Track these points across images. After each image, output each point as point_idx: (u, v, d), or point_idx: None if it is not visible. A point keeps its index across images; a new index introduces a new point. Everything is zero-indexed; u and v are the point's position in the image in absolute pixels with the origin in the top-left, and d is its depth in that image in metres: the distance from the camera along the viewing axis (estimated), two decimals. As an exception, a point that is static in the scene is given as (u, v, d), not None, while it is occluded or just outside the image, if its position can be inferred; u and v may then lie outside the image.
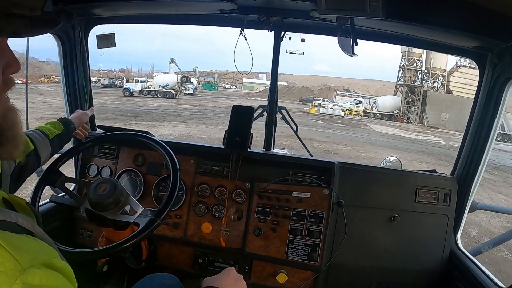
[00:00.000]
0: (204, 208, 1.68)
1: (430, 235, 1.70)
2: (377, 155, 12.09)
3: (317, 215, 1.52)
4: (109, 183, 1.18)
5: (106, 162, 1.82)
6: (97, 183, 1.19)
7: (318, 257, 1.49)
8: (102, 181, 1.20)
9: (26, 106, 2.22)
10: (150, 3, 1.58)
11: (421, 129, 27.35)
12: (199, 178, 1.71)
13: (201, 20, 1.80)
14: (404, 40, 1.70)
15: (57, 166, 1.32)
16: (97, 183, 1.19)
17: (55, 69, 9.33)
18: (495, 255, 5.27)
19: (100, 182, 1.20)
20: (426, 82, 33.16)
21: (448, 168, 1.88)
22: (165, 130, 12.72)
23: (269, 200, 1.60)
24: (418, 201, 1.69)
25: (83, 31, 1.80)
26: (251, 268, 1.65)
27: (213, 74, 59.64)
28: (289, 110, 2.08)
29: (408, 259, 1.70)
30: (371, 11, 1.08)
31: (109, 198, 1.15)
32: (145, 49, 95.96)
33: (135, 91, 28.74)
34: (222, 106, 24.03)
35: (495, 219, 6.91)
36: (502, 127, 20.22)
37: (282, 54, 1.83)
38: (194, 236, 1.66)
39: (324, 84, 52.21)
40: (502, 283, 1.44)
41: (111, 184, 1.18)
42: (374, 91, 49.35)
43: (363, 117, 31.56)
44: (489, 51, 1.48)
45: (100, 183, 1.19)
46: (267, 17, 1.58)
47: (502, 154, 15.65)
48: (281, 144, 8.20)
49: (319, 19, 1.50)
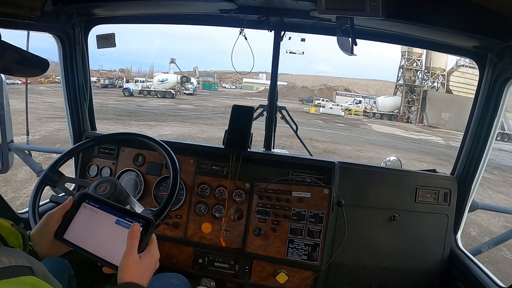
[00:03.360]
0: (204, 208, 1.68)
1: (430, 235, 1.70)
2: (377, 154, 12.10)
3: (317, 215, 1.52)
4: (109, 183, 1.18)
5: (106, 162, 1.82)
6: (97, 183, 1.20)
7: (318, 257, 1.49)
8: (102, 181, 1.20)
9: (26, 106, 2.22)
10: (150, 3, 1.58)
11: (421, 128, 27.34)
12: (199, 178, 1.71)
13: (201, 20, 1.80)
14: (404, 40, 1.70)
15: (57, 166, 1.32)
16: (97, 183, 1.20)
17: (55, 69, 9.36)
18: (495, 254, 5.28)
19: (100, 182, 1.20)
20: (426, 82, 33.15)
21: (448, 167, 1.88)
22: (165, 130, 12.72)
23: (269, 200, 1.60)
24: (418, 201, 1.69)
25: (83, 31, 1.80)
26: (251, 268, 1.65)
27: (213, 74, 59.64)
28: (289, 110, 2.08)
29: (408, 258, 1.70)
30: (371, 11, 1.08)
31: (109, 198, 1.15)
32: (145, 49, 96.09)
33: (135, 91, 28.73)
34: (222, 106, 24.02)
35: (495, 218, 6.91)
36: (502, 126, 20.21)
37: (282, 54, 1.83)
38: (194, 236, 1.66)
39: (324, 84, 52.19)
40: (502, 283, 1.44)
41: (111, 184, 1.18)
42: (374, 91, 49.34)
43: (363, 117, 31.55)
44: (489, 50, 1.49)
45: (100, 183, 1.19)
46: (267, 17, 1.58)
47: (502, 153, 15.64)
48: (281, 144, 8.20)
49: (319, 19, 1.50)
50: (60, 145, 8.30)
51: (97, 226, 0.94)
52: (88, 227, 0.94)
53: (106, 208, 0.95)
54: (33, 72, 0.73)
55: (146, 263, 0.86)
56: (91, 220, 0.95)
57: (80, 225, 0.95)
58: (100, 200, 0.97)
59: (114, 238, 0.91)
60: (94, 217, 0.95)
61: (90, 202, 0.97)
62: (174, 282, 1.26)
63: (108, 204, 0.96)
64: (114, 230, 0.92)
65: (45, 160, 5.51)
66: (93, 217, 0.95)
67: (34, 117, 12.60)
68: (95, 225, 0.94)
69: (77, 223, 0.95)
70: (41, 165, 2.04)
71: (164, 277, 1.27)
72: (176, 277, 1.29)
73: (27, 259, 0.61)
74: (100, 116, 7.44)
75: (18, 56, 0.63)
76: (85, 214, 0.96)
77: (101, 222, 0.94)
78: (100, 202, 0.96)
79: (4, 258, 0.56)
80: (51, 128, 11.17)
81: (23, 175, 6.42)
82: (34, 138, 9.23)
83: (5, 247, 0.63)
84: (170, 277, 1.28)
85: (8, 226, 0.64)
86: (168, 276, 1.29)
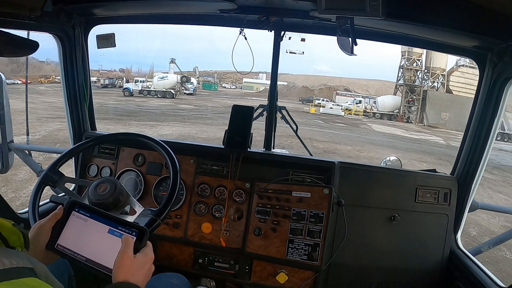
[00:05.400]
0: (204, 208, 1.68)
1: (430, 235, 1.70)
2: (377, 154, 12.10)
3: (317, 215, 1.52)
4: (109, 183, 1.18)
5: (106, 162, 1.82)
6: (97, 183, 1.19)
7: (318, 256, 1.49)
8: (102, 181, 1.20)
9: (26, 106, 2.22)
10: (150, 3, 1.58)
11: (421, 128, 27.34)
12: (199, 178, 1.71)
13: (201, 20, 1.80)
14: (404, 40, 1.70)
15: (57, 166, 1.32)
16: (97, 183, 1.19)
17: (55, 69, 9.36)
18: (495, 254, 5.28)
19: (100, 182, 1.19)
20: (426, 82, 33.13)
21: (448, 167, 1.88)
22: (165, 130, 12.73)
23: (269, 200, 1.60)
24: (418, 201, 1.69)
25: (83, 31, 1.80)
26: (251, 268, 1.65)
27: (213, 74, 59.56)
28: (289, 109, 2.08)
29: (408, 258, 1.70)
30: (371, 11, 1.08)
31: (109, 198, 1.15)
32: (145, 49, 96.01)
33: (135, 91, 28.71)
34: (222, 106, 24.02)
35: (495, 218, 6.91)
36: (502, 126, 20.20)
37: (282, 54, 1.83)
38: (194, 236, 1.66)
39: (324, 83, 52.13)
40: (502, 283, 1.44)
41: (111, 184, 1.18)
42: (374, 90, 49.31)
43: (363, 117, 31.53)
44: (489, 50, 1.49)
45: (100, 183, 1.19)
46: (267, 17, 1.58)
47: (502, 153, 15.64)
48: (281, 143, 8.20)
49: (319, 19, 1.50)
50: (60, 145, 8.31)
51: (89, 235, 0.93)
52: (80, 237, 0.93)
53: (97, 217, 0.94)
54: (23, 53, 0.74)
55: (140, 261, 0.86)
56: (83, 229, 0.94)
57: (72, 234, 0.94)
58: (90, 208, 0.96)
59: (108, 247, 0.89)
60: (85, 226, 0.94)
61: (80, 210, 0.95)
62: (174, 282, 1.26)
63: (99, 213, 0.95)
64: (107, 239, 0.91)
65: (45, 160, 5.51)
66: (84, 226, 0.94)
67: (34, 117, 12.60)
68: (87, 235, 0.93)
69: (69, 232, 0.94)
70: (41, 165, 2.04)
71: (164, 277, 1.27)
72: (176, 277, 1.29)
73: (29, 261, 0.61)
74: (100, 116, 7.45)
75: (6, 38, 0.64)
76: (76, 223, 0.95)
77: (93, 232, 0.93)
78: (91, 210, 0.95)
79: (5, 260, 0.56)
80: (51, 128, 11.18)
81: (23, 175, 6.43)
82: (34, 138, 9.24)
83: (6, 248, 0.63)
84: (170, 277, 1.28)
85: (9, 226, 0.64)
86: (168, 276, 1.29)
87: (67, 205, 0.96)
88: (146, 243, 0.91)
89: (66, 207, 0.96)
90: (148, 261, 0.89)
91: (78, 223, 0.94)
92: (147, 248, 0.91)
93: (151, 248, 0.92)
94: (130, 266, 0.83)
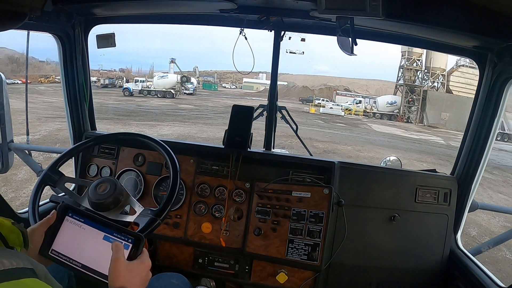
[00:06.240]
0: (204, 208, 1.68)
1: (430, 235, 1.70)
2: (377, 154, 12.10)
3: (317, 215, 1.52)
4: (109, 183, 1.18)
5: (106, 162, 1.82)
6: (97, 183, 1.19)
7: (318, 256, 1.49)
8: (102, 181, 1.20)
9: (26, 106, 2.22)
10: (150, 3, 1.58)
11: (421, 128, 27.33)
12: (199, 178, 1.71)
13: (201, 20, 1.80)
14: (404, 40, 1.70)
15: (57, 166, 1.32)
16: (97, 183, 1.19)
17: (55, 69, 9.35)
18: (495, 254, 5.28)
19: (100, 182, 1.19)
20: (426, 82, 33.12)
21: (448, 167, 1.88)
22: (165, 130, 12.72)
23: (269, 199, 1.60)
24: (418, 201, 1.69)
25: (83, 31, 1.80)
26: (251, 268, 1.65)
27: (213, 74, 59.55)
28: (289, 109, 2.08)
29: (408, 258, 1.70)
30: (371, 11, 1.08)
31: (109, 198, 1.15)
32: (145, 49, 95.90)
33: (135, 91, 28.69)
34: (222, 106, 24.01)
35: (495, 218, 6.91)
36: (502, 126, 20.20)
37: (282, 53, 1.83)
38: (194, 236, 1.66)
39: (324, 83, 52.09)
40: (502, 283, 1.44)
41: (111, 184, 1.18)
42: (374, 90, 49.30)
43: (363, 117, 31.51)
44: (489, 50, 1.49)
45: (100, 183, 1.19)
46: (267, 16, 1.58)
47: (502, 153, 15.64)
48: (281, 143, 8.19)
49: (319, 19, 1.50)
50: (60, 145, 8.30)
51: (84, 241, 0.91)
52: (74, 243, 0.91)
53: (91, 223, 0.92)
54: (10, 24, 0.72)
55: (136, 268, 0.84)
56: (77, 235, 0.92)
57: (66, 240, 0.92)
58: (84, 213, 0.94)
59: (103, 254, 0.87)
60: (80, 232, 0.92)
61: (73, 215, 0.93)
62: (174, 282, 1.26)
63: (93, 218, 0.93)
64: (102, 246, 0.89)
65: (45, 160, 5.51)
66: (79, 232, 0.92)
67: (34, 117, 12.60)
68: (82, 241, 0.91)
69: (63, 238, 0.92)
70: (41, 165, 2.04)
71: (164, 277, 1.27)
72: (176, 277, 1.29)
73: (29, 261, 0.61)
74: (100, 116, 7.45)
75: None
76: (70, 228, 0.93)
77: (88, 238, 0.91)
78: (85, 216, 0.93)
79: (5, 261, 0.56)
80: (51, 128, 11.17)
81: (23, 175, 6.43)
82: (34, 138, 9.23)
83: (6, 249, 0.63)
84: (170, 277, 1.28)
85: (8, 225, 0.64)
86: (168, 276, 1.29)
87: (60, 209, 0.94)
88: (143, 251, 0.89)
89: (59, 211, 0.94)
90: (145, 268, 0.87)
91: (72, 229, 0.92)
92: (143, 255, 0.89)
93: (148, 255, 0.90)
94: (125, 272, 0.81)
